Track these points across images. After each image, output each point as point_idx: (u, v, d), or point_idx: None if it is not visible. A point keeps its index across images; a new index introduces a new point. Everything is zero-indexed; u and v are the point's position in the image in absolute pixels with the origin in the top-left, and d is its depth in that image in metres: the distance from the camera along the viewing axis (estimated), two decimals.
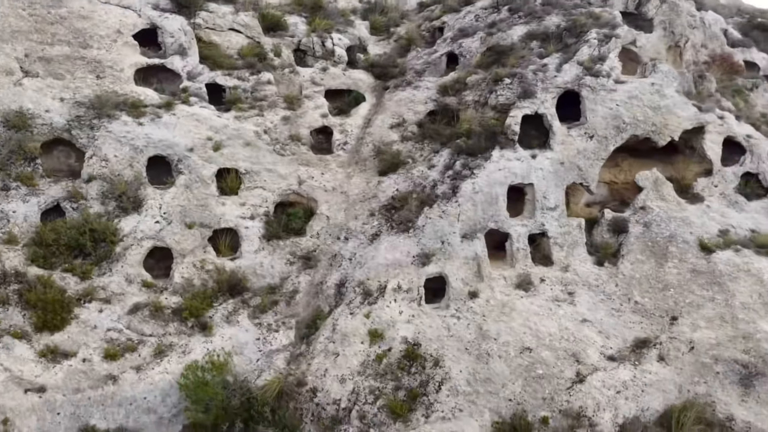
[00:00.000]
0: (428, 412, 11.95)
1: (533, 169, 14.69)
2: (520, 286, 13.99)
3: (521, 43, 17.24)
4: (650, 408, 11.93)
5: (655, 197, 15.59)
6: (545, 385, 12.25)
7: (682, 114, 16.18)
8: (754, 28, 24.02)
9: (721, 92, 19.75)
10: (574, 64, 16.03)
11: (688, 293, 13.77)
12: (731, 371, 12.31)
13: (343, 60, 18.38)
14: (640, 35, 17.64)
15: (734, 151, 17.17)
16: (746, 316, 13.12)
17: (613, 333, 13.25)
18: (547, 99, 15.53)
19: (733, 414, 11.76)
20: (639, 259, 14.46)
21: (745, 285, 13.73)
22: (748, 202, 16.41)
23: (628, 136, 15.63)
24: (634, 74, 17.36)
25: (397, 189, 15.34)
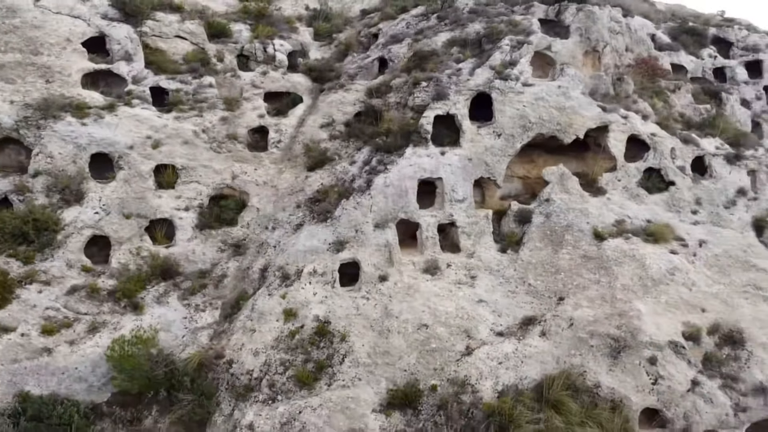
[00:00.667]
0: (331, 381, 13.37)
1: (442, 165, 16.11)
2: (427, 270, 15.41)
3: (443, 48, 18.66)
4: (528, 377, 13.34)
5: (559, 190, 17.01)
6: (437, 358, 13.68)
7: (586, 114, 17.60)
8: (684, 33, 25.44)
9: (640, 93, 21.18)
10: (486, 69, 17.45)
11: (576, 276, 15.20)
12: (604, 345, 13.73)
13: (283, 64, 19.80)
14: (555, 41, 19.04)
15: (642, 148, 18.64)
16: (624, 296, 14.55)
17: (505, 312, 14.67)
18: (460, 101, 16.95)
19: (600, 381, 13.18)
20: (537, 246, 15.89)
21: (628, 269, 15.17)
22: (649, 195, 17.85)
23: (534, 134, 17.05)
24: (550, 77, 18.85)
25: (322, 183, 16.79)
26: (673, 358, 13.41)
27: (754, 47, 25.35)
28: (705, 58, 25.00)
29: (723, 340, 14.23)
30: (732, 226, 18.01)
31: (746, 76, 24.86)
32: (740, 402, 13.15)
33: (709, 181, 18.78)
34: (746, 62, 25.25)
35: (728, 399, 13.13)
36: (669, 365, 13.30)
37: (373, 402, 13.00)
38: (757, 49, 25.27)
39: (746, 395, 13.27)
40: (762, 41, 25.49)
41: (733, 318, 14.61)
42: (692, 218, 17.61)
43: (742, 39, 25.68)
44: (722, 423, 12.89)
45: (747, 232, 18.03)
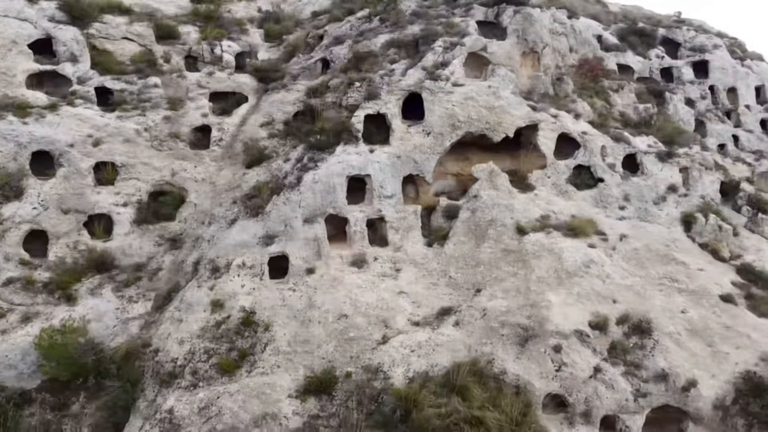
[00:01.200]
0: (252, 368, 13.99)
1: (371, 162, 16.73)
2: (354, 263, 16.05)
3: (382, 50, 19.30)
4: (439, 364, 13.94)
5: (488, 187, 17.63)
6: (354, 346, 14.29)
7: (515, 113, 18.22)
8: (632, 34, 26.10)
9: (579, 93, 21.80)
10: (418, 69, 18.09)
11: (495, 269, 15.82)
12: (514, 334, 14.34)
13: (230, 65, 20.43)
14: (491, 42, 19.67)
15: (575, 146, 19.24)
16: (538, 288, 15.18)
17: (424, 303, 15.29)
18: (391, 100, 17.58)
19: (506, 368, 13.78)
20: (461, 241, 16.51)
21: (546, 262, 15.79)
22: (578, 191, 18.48)
23: (463, 132, 17.68)
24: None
25: (258, 180, 17.42)
26: (578, 347, 14.03)
27: (701, 48, 26.01)
28: (652, 58, 25.67)
29: (632, 330, 14.82)
30: (659, 221, 18.64)
31: (692, 76, 25.54)
32: (641, 388, 13.76)
33: (640, 178, 19.40)
34: (693, 62, 25.92)
35: (629, 385, 13.74)
36: (573, 353, 13.91)
37: (290, 388, 13.62)
38: (703, 49, 25.93)
39: (648, 381, 13.88)
40: (709, 42, 26.15)
41: (644, 308, 15.21)
42: (619, 213, 18.24)
43: (690, 40, 26.34)
44: (622, 407, 13.49)
45: (674, 227, 18.67)
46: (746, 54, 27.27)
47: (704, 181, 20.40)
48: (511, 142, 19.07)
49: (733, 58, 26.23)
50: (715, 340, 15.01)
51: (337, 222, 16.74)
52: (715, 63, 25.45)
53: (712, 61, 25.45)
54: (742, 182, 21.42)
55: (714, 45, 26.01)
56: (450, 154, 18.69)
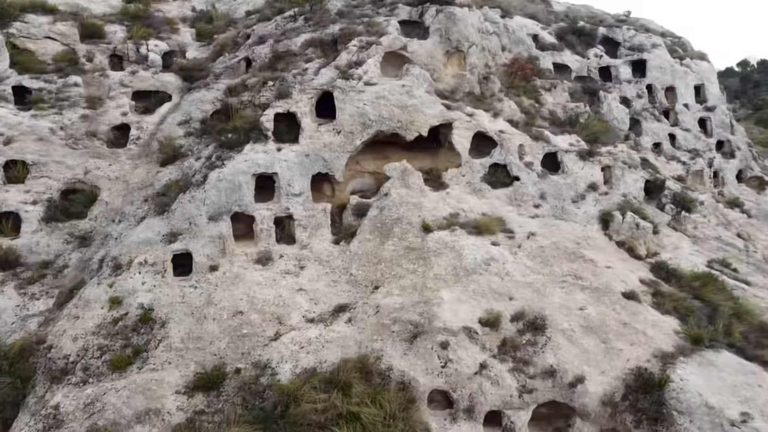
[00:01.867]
0: (143, 364, 14.12)
1: (278, 161, 16.84)
2: (259, 261, 16.17)
3: (301, 49, 19.42)
4: (328, 360, 14.04)
5: (400, 185, 17.74)
6: (246, 343, 14.42)
7: (429, 112, 18.34)
8: (571, 32, 26.25)
9: (507, 92, 21.94)
10: (331, 68, 18.20)
11: (396, 267, 15.94)
12: (404, 330, 14.46)
13: (155, 64, 20.55)
14: (412, 42, 19.78)
15: (493, 145, 19.36)
16: (434, 285, 15.29)
17: (322, 300, 15.41)
18: (303, 99, 17.70)
19: (393, 365, 13.89)
20: (367, 238, 16.63)
21: (445, 259, 15.91)
22: (493, 190, 18.61)
23: (374, 131, 17.79)
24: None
25: (170, 178, 17.53)
26: (465, 343, 14.14)
27: (639, 47, 26.15)
28: (591, 57, 25.83)
29: (526, 327, 14.93)
30: (575, 220, 18.77)
31: (630, 75, 25.68)
32: (527, 384, 13.87)
33: (559, 177, 19.53)
34: (632, 61, 26.06)
35: (515, 381, 13.85)
36: (460, 349, 14.02)
37: (178, 384, 13.74)
38: (642, 48, 26.08)
39: (535, 378, 13.99)
40: (648, 41, 26.29)
41: (541, 306, 15.32)
42: (533, 212, 18.36)
43: (629, 39, 26.48)
44: (506, 404, 13.60)
45: (591, 225, 18.81)
46: (687, 53, 27.42)
47: (627, 179, 20.55)
48: (432, 140, 19.22)
49: (673, 57, 26.37)
50: (610, 336, 15.12)
51: (247, 220, 16.87)
52: (653, 62, 25.59)
53: (649, 60, 25.60)
54: (668, 181, 21.59)
55: (653, 44, 26.14)
56: (368, 153, 18.83)
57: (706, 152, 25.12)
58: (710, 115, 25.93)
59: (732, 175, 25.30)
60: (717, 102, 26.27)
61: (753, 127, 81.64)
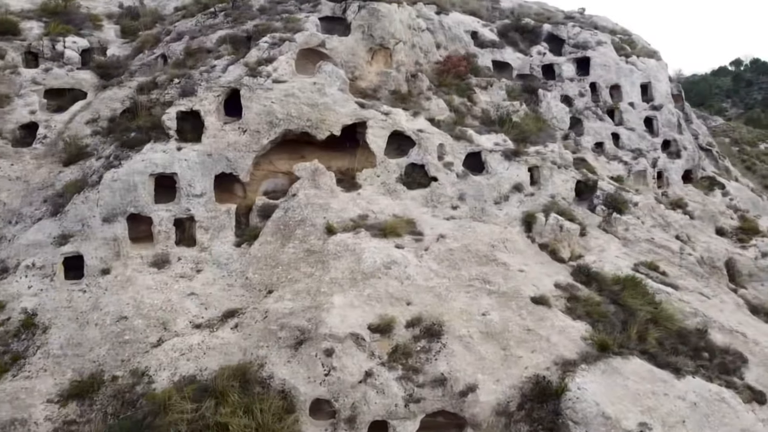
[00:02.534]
0: (18, 372, 13.61)
1: (177, 160, 16.32)
2: (155, 264, 15.66)
3: (215, 45, 18.89)
4: (209, 368, 13.51)
5: (309, 186, 17.22)
6: (128, 349, 13.91)
7: (341, 110, 17.80)
8: (515, 30, 25.68)
9: (436, 91, 21.39)
10: (240, 66, 17.67)
11: (294, 270, 15.42)
12: (291, 336, 13.91)
13: (72, 61, 20.03)
14: (331, 38, 19.24)
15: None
16: (329, 289, 14.75)
17: (213, 305, 14.90)
18: (208, 97, 17.18)
19: (274, 372, 13.36)
20: (268, 240, 16.11)
21: (344, 263, 15.37)
22: (408, 191, 18.06)
23: (282, 130, 17.26)
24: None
25: (70, 178, 17.01)
26: (352, 350, 13.60)
27: (584, 44, 25.60)
28: (533, 55, 25.26)
29: (422, 333, 14.37)
30: (496, 221, 18.25)
31: (573, 73, 25.13)
32: (415, 393, 13.32)
33: (482, 177, 19.00)
34: (577, 59, 25.50)
35: (402, 390, 13.30)
36: (345, 357, 13.48)
37: (50, 393, 13.23)
38: (586, 46, 25.53)
39: (424, 386, 13.44)
40: (593, 39, 25.74)
41: (440, 311, 14.77)
42: (449, 213, 17.82)
43: (574, 36, 25.92)
44: (391, 413, 13.05)
45: (512, 227, 18.28)
46: (636, 50, 26.83)
47: (555, 180, 20.02)
48: (351, 140, 18.69)
49: (620, 55, 25.80)
50: (511, 343, 14.57)
51: (149, 221, 16.34)
52: (597, 60, 25.03)
53: (593, 58, 25.04)
54: (600, 181, 21.04)
55: (598, 41, 25.58)
56: (283, 152, 18.32)
57: (651, 152, 24.56)
58: (656, 114, 25.36)
59: (677, 175, 24.73)
60: (664, 101, 25.69)
61: (742, 126, 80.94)
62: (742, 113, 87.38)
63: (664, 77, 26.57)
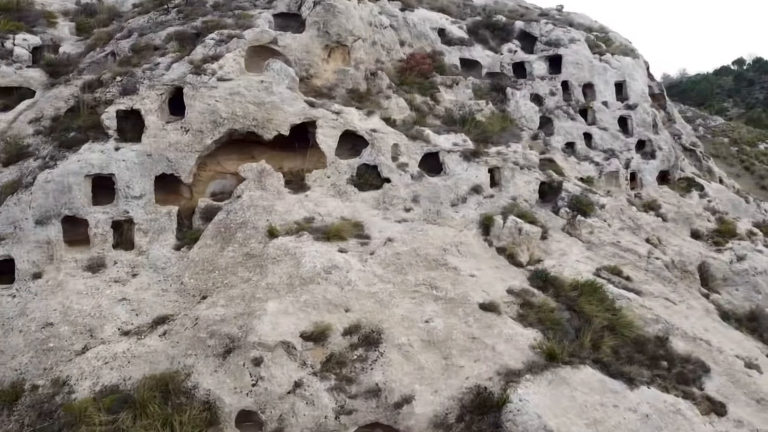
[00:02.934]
0: None
1: (114, 161, 15.79)
2: (90, 268, 15.13)
3: (163, 42, 18.36)
4: (133, 377, 12.95)
5: (255, 187, 16.67)
6: (51, 357, 13.38)
7: (289, 109, 17.23)
8: (485, 27, 25.06)
9: (396, 89, 20.80)
10: (185, 63, 17.12)
11: (231, 275, 14.86)
12: (220, 345, 13.36)
13: (22, 59, 19.52)
14: (284, 35, 18.68)
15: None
16: (264, 295, 14.19)
17: (145, 311, 14.35)
18: (151, 95, 16.64)
19: (200, 383, 12.79)
20: (208, 244, 15.56)
21: (283, 267, 14.80)
22: (360, 192, 17.48)
23: (226, 130, 16.69)
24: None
25: (9, 179, 16.51)
26: (282, 359, 13.02)
27: (556, 42, 24.97)
28: (504, 53, 24.64)
29: (360, 341, 13.79)
30: (451, 224, 17.66)
31: (544, 71, 24.52)
32: (346, 404, 12.74)
33: (439, 178, 18.41)
34: (549, 57, 24.88)
35: (333, 401, 12.72)
36: (275, 366, 12.91)
37: None
38: (558, 43, 24.89)
39: (356, 397, 12.86)
40: (565, 36, 25.11)
41: (381, 318, 14.19)
42: (402, 216, 17.22)
43: (546, 33, 25.28)
44: (320, 426, 12.46)
45: (468, 230, 17.68)
46: (611, 48, 26.18)
47: (517, 181, 19.41)
48: (303, 140, 18.13)
49: (594, 53, 25.15)
50: (454, 352, 13.96)
51: (87, 224, 15.83)
52: (569, 58, 24.39)
53: (565, 56, 24.40)
54: (565, 182, 20.40)
55: (571, 39, 24.93)
56: (233, 152, 17.78)
57: (624, 152, 23.92)
58: (631, 113, 24.71)
59: (651, 176, 24.08)
60: (639, 100, 25.01)
61: (742, 126, 79.90)
62: (743, 113, 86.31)
63: (640, 75, 25.91)
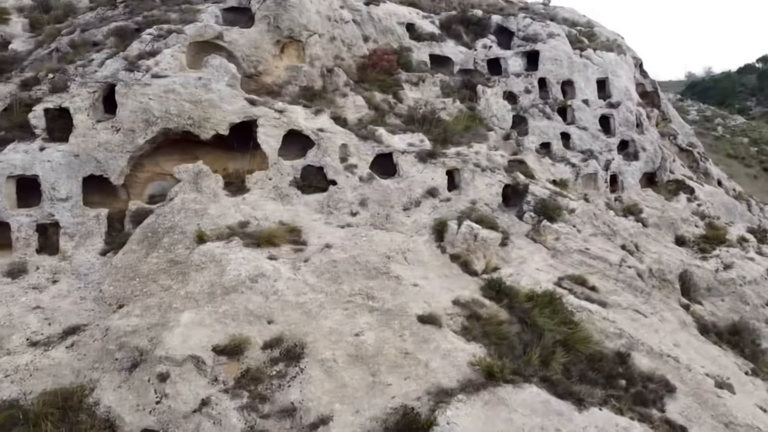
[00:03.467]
0: None
1: (38, 161, 15.10)
2: (10, 273, 14.46)
3: (103, 38, 17.65)
4: (35, 391, 12.17)
5: (190, 189, 15.86)
6: None
7: (228, 108, 16.37)
8: (459, 22, 23.94)
9: (353, 86, 19.83)
10: (119, 59, 16.37)
11: (152, 283, 14.04)
12: (128, 358, 12.55)
13: None
14: (230, 30, 17.83)
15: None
16: (181, 304, 13.32)
17: (59, 320, 13.59)
18: (82, 93, 15.91)
19: (101, 399, 11.98)
20: (133, 249, 14.77)
21: (206, 275, 13.92)
22: (303, 195, 16.55)
23: (159, 129, 15.88)
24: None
25: None
26: (191, 375, 12.14)
27: (534, 37, 23.76)
28: (478, 48, 23.52)
29: (282, 355, 12.85)
30: (401, 229, 16.65)
31: (520, 68, 23.34)
32: (257, 425, 11.78)
33: (391, 181, 17.41)
34: (527, 53, 23.67)
35: (243, 421, 11.78)
36: (182, 383, 12.03)
37: None
38: (536, 38, 23.68)
39: (269, 417, 11.91)
40: (544, 31, 23.88)
41: (305, 330, 13.25)
42: (346, 220, 16.27)
43: (524, 28, 24.09)
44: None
45: (419, 236, 16.65)
46: (595, 44, 24.86)
47: (478, 184, 18.30)
48: (249, 139, 17.26)
49: (574, 48, 23.87)
50: (382, 368, 12.93)
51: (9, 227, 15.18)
52: (547, 53, 23.13)
53: (542, 52, 23.15)
54: (532, 185, 19.21)
55: (549, 34, 23.68)
56: (172, 152, 17.00)
57: (604, 153, 22.62)
58: (613, 112, 23.37)
59: (634, 179, 22.76)
60: (622, 97, 23.65)
61: (764, 125, 76.93)
62: (766, 111, 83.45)
63: (625, 72, 24.55)
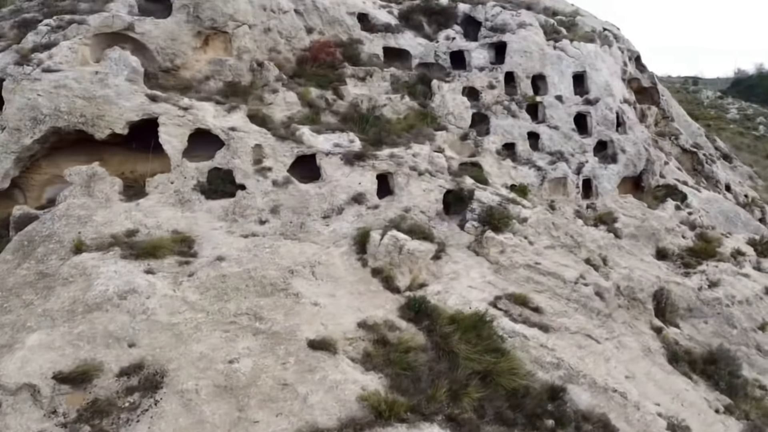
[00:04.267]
0: None
1: None
2: None
3: (9, 31, 16.52)
4: None
5: (81, 193, 14.56)
6: None
7: (125, 104, 14.97)
8: (421, 12, 22.06)
9: (286, 81, 18.22)
10: (11, 53, 15.18)
11: (15, 297, 12.63)
12: None
13: None
14: (142, 21, 16.46)
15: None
16: (35, 324, 11.89)
17: None
18: None
19: None
20: (7, 259, 13.48)
21: (72, 290, 12.49)
22: (207, 201, 15.03)
23: (48, 128, 14.59)
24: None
25: None
26: (25, 406, 10.74)
27: (502, 27, 21.66)
28: (440, 40, 21.59)
29: (140, 384, 11.33)
30: (317, 239, 14.97)
31: (485, 61, 21.32)
32: None
33: (311, 185, 15.74)
34: (495, 45, 21.63)
35: None
36: (14, 414, 10.62)
37: None
38: (504, 29, 21.57)
39: None
40: (513, 20, 21.81)
41: (170, 356, 11.70)
42: (252, 229, 14.65)
43: (491, 18, 22.04)
44: None
45: (336, 248, 14.94)
46: (576, 34, 22.56)
47: (413, 189, 16.44)
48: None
49: (548, 39, 21.66)
50: (252, 402, 11.27)
51: None
52: (515, 45, 21.02)
53: (510, 43, 21.06)
54: (478, 191, 17.19)
55: (520, 23, 21.55)
56: (77, 153, 15.76)
57: (577, 155, 20.38)
58: (591, 109, 21.08)
59: (610, 184, 20.43)
60: (602, 93, 21.30)
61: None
62: None
63: (607, 66, 22.19)
